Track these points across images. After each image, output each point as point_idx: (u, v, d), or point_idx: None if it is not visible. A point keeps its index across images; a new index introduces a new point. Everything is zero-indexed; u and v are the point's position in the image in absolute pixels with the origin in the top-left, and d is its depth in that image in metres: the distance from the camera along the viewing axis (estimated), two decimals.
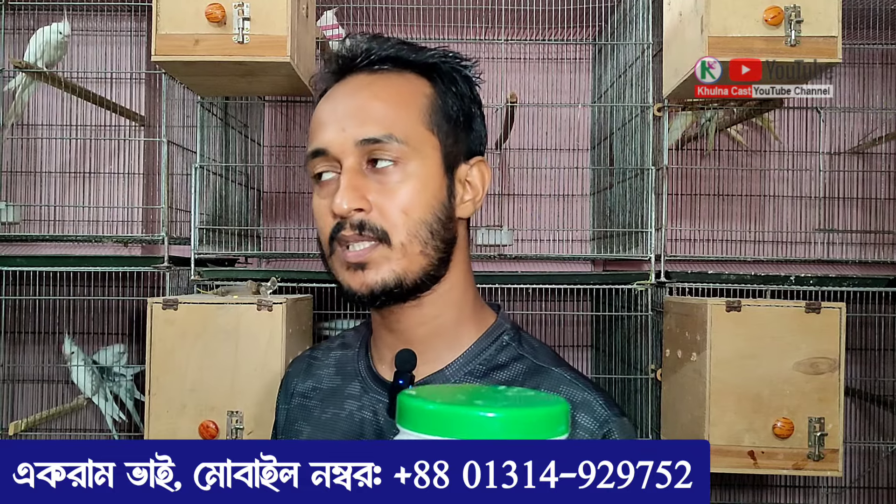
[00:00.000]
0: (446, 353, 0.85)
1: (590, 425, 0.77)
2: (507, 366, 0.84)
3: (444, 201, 0.81)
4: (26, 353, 2.65)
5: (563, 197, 2.85)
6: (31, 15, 2.70)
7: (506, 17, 2.51)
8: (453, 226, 0.83)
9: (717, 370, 1.83)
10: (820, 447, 1.82)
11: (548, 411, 0.50)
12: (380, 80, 0.83)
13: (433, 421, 0.49)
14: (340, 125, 0.79)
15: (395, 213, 0.78)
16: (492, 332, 0.87)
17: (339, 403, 0.89)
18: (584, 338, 2.90)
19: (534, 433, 0.49)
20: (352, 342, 0.96)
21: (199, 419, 1.83)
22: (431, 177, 0.80)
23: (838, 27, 1.78)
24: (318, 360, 0.97)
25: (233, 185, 2.57)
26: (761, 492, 2.76)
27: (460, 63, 0.86)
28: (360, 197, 0.77)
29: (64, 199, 2.67)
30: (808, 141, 2.68)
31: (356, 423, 0.86)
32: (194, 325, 1.84)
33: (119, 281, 2.39)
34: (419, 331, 0.84)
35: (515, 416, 0.49)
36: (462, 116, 0.85)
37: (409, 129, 0.79)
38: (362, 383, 0.88)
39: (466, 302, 0.87)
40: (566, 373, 0.83)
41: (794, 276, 2.24)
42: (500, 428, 0.48)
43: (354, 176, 0.78)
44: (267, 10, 1.78)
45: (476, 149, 0.87)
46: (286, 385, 0.99)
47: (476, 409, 0.49)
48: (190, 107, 2.45)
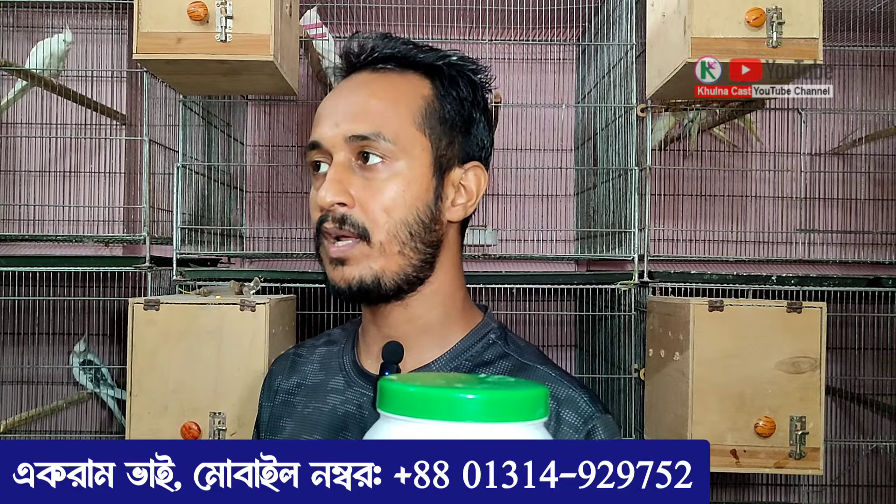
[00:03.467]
0: (433, 350, 0.85)
1: (574, 421, 0.78)
2: (493, 363, 0.85)
3: (430, 203, 0.82)
4: (5, 353, 2.62)
5: (547, 197, 2.86)
6: (11, 12, 2.67)
7: (490, 17, 2.51)
8: (440, 228, 0.83)
9: (699, 369, 1.84)
10: (801, 446, 1.83)
11: (526, 393, 0.50)
12: (380, 78, 0.84)
13: (413, 403, 0.49)
14: (335, 120, 0.81)
15: (376, 211, 0.79)
16: (478, 331, 0.87)
17: (321, 398, 0.89)
18: (567, 337, 2.91)
19: (513, 415, 0.49)
20: (338, 338, 0.96)
21: (181, 420, 1.81)
22: (417, 178, 0.81)
23: (819, 29, 1.80)
24: (303, 357, 0.97)
25: (215, 185, 2.55)
26: (743, 490, 2.78)
27: (467, 67, 0.86)
28: (342, 191, 0.79)
29: (44, 198, 2.64)
30: (789, 142, 2.71)
31: (339, 417, 0.86)
32: (176, 326, 1.83)
33: (100, 281, 2.36)
34: (406, 328, 0.85)
35: (494, 397, 0.49)
36: (460, 120, 0.85)
37: (400, 129, 0.80)
38: (346, 378, 0.89)
39: (455, 304, 0.87)
40: (551, 370, 0.84)
41: (775, 275, 2.26)
42: (480, 409, 0.48)
43: (341, 170, 0.80)
44: (250, 9, 1.77)
45: (474, 153, 0.87)
46: (269, 383, 0.99)
47: (456, 391, 0.49)
48: (172, 105, 2.43)
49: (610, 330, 2.41)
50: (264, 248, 2.87)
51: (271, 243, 2.86)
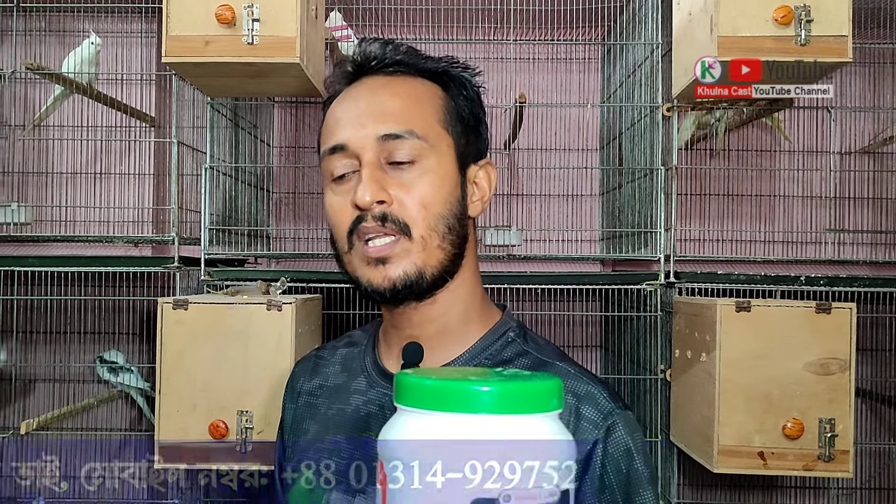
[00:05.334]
0: (453, 349, 0.86)
1: (594, 417, 0.78)
2: (512, 361, 0.85)
3: (459, 198, 0.84)
4: (38, 352, 2.67)
5: (572, 197, 2.85)
6: (43, 17, 2.72)
7: (514, 17, 2.51)
8: (466, 223, 0.85)
9: (726, 370, 1.83)
10: (830, 448, 1.81)
11: (541, 385, 0.51)
12: (396, 81, 0.85)
13: (429, 396, 0.50)
14: (360, 122, 0.82)
15: (414, 208, 0.80)
16: (497, 329, 0.88)
17: (344, 399, 0.90)
18: (592, 338, 2.89)
19: (527, 407, 0.50)
20: (359, 340, 0.97)
21: (209, 419, 1.83)
22: (448, 174, 0.83)
23: (849, 26, 1.78)
24: (325, 359, 0.98)
25: (242, 186, 2.58)
26: (771, 493, 2.75)
27: (468, 70, 0.90)
28: (381, 189, 0.79)
29: (75, 199, 2.68)
30: (818, 141, 2.67)
31: (361, 417, 0.87)
32: (204, 325, 1.85)
33: (130, 281, 2.40)
34: (428, 328, 0.86)
35: (509, 389, 0.49)
36: (472, 119, 0.88)
37: (427, 127, 0.82)
38: (368, 378, 0.90)
39: (474, 300, 0.88)
40: (570, 367, 0.84)
41: (804, 276, 2.23)
42: (494, 401, 0.49)
43: (375, 169, 0.80)
44: (276, 11, 1.79)
45: (483, 151, 0.90)
46: (292, 384, 1.00)
47: (471, 383, 0.50)
48: (200, 108, 2.46)
49: (635, 331, 2.40)
50: (290, 248, 2.89)
51: (297, 244, 2.88)
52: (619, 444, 0.77)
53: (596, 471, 0.76)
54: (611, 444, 0.77)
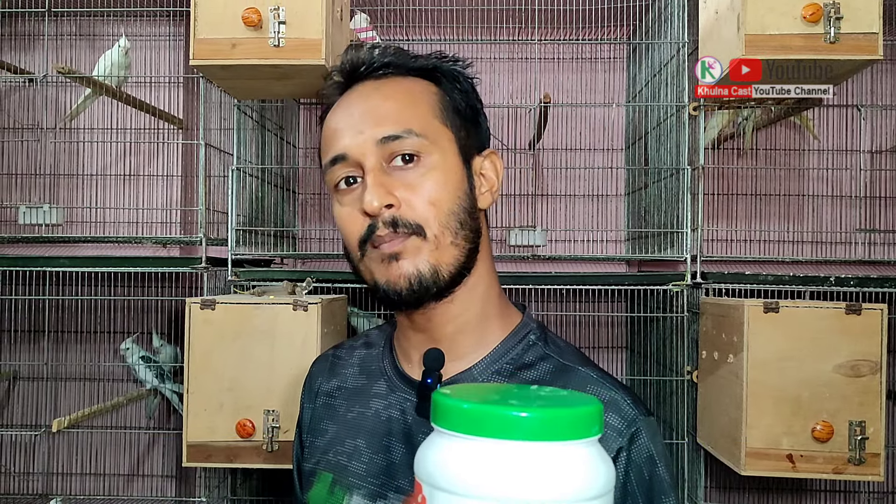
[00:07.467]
0: (473, 351, 0.85)
1: (618, 424, 0.77)
2: (534, 365, 0.85)
3: (467, 191, 0.83)
4: (69, 351, 2.72)
5: (597, 197, 2.84)
6: (74, 21, 2.76)
7: (539, 17, 2.50)
8: (477, 216, 0.85)
9: (754, 372, 1.81)
10: (861, 451, 1.78)
11: (582, 411, 0.50)
12: (387, 83, 0.85)
13: (467, 420, 0.49)
14: (357, 129, 0.81)
15: (423, 207, 0.79)
16: (518, 332, 0.87)
17: (364, 402, 0.90)
18: (618, 339, 2.88)
19: (568, 433, 0.49)
20: (375, 341, 0.97)
21: (236, 418, 1.85)
22: (452, 168, 0.82)
23: (879, 23, 1.75)
24: (342, 359, 0.98)
25: (268, 187, 2.60)
26: (800, 496, 2.72)
27: (457, 63, 0.89)
28: (387, 193, 0.79)
29: (105, 201, 2.72)
30: (848, 139, 2.63)
31: (383, 421, 0.87)
32: (232, 325, 1.87)
33: (158, 281, 2.43)
34: (446, 329, 0.85)
35: (549, 415, 0.48)
36: (470, 111, 0.87)
37: (425, 124, 0.81)
38: (388, 382, 0.89)
39: (491, 296, 0.87)
40: (592, 372, 0.83)
41: (833, 276, 2.20)
42: (534, 427, 0.48)
43: (379, 174, 0.79)
44: (302, 14, 1.80)
45: (486, 142, 0.89)
46: (310, 384, 1.00)
47: (510, 408, 0.48)
48: (227, 109, 2.49)
49: (662, 331, 2.38)
50: (316, 248, 2.91)
51: (323, 244, 2.90)
52: (643, 450, 0.77)
53: (619, 478, 0.75)
54: (634, 451, 0.76)
